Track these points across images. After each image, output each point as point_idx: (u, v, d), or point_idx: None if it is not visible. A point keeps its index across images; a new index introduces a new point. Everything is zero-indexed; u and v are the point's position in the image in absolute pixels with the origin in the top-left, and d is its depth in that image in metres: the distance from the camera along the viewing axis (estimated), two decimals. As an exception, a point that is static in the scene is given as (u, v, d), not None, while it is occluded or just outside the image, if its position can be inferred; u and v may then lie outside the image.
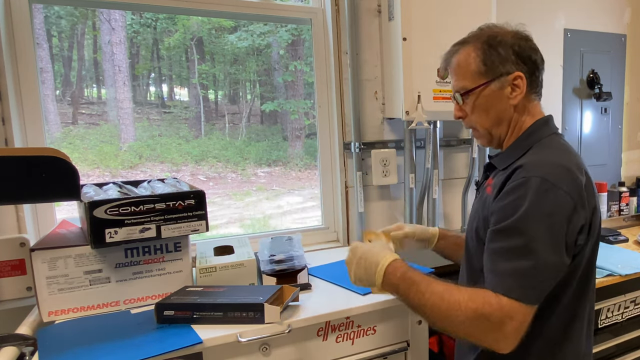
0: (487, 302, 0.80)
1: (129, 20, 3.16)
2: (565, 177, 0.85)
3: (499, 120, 0.99)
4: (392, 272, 0.92)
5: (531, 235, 0.81)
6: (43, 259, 1.09)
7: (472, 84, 0.97)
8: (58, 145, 2.52)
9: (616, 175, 2.35)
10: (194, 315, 1.05)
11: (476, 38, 0.98)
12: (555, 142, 0.96)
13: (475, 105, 0.99)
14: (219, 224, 2.53)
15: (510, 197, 0.85)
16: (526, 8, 2.02)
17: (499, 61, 0.95)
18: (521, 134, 0.98)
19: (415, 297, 0.87)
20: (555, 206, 0.82)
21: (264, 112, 3.67)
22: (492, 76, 0.95)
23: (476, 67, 0.96)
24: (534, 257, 0.80)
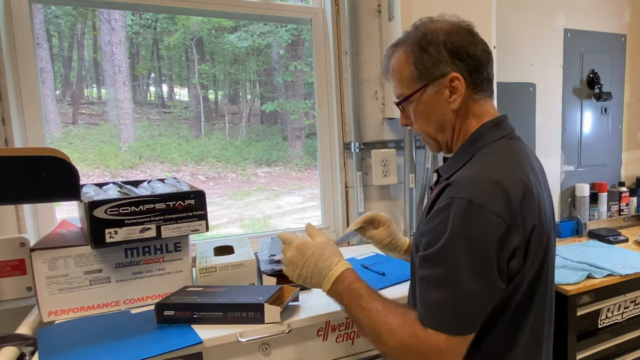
0: (414, 333, 0.77)
1: (129, 21, 3.16)
2: (495, 196, 0.76)
3: (442, 126, 0.91)
4: (341, 280, 0.88)
5: (453, 264, 0.75)
6: (43, 259, 1.09)
7: (407, 90, 0.90)
8: (58, 145, 2.51)
9: (616, 175, 2.35)
10: (194, 315, 1.05)
11: (407, 39, 0.91)
12: (501, 149, 0.87)
13: (416, 112, 0.91)
14: (219, 224, 2.53)
15: (435, 220, 0.78)
16: (526, 8, 2.02)
17: (431, 63, 0.87)
18: (465, 140, 0.90)
19: (356, 311, 0.85)
20: (481, 230, 0.75)
21: (264, 112, 3.67)
22: (427, 80, 0.88)
23: (409, 72, 0.89)
24: (457, 287, 0.75)
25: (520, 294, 0.83)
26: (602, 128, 2.27)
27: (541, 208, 0.82)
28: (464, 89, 0.87)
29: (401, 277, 1.31)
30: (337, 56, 1.70)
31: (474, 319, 0.77)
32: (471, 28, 0.91)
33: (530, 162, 0.87)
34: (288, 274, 0.95)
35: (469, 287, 0.75)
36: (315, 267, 0.91)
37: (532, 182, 0.82)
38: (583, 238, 2.10)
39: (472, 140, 0.89)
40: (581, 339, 1.59)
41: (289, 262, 0.94)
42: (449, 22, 0.90)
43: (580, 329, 1.57)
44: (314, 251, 0.92)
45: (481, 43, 0.90)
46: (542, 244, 0.83)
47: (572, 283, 1.55)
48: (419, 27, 0.91)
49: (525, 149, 0.92)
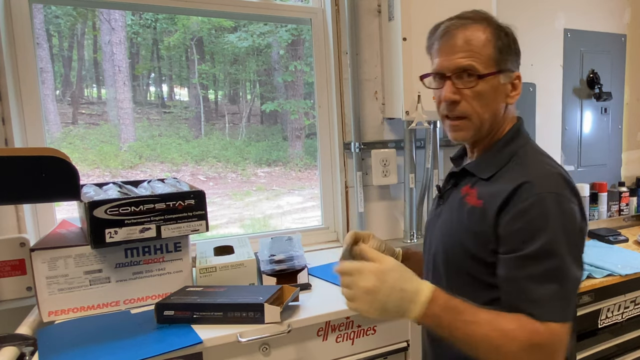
0: (535, 330, 0.78)
1: (129, 21, 3.16)
2: (569, 189, 0.84)
3: (493, 116, 0.91)
4: (434, 301, 0.78)
5: (560, 256, 0.79)
6: (43, 259, 1.09)
7: (482, 67, 0.87)
8: (58, 145, 2.51)
9: (616, 175, 2.35)
10: (194, 315, 1.05)
11: (488, 20, 0.91)
12: (538, 149, 0.93)
13: (479, 92, 0.88)
14: (219, 224, 2.53)
15: (526, 217, 0.80)
16: (526, 8, 2.02)
17: (509, 56, 0.90)
18: (499, 140, 0.92)
19: (462, 328, 0.78)
20: (572, 220, 0.81)
21: (264, 112, 3.67)
22: (502, 67, 0.89)
23: (490, 52, 0.88)
24: (567, 277, 0.80)
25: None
26: (602, 128, 2.27)
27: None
28: (520, 89, 0.92)
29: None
30: (337, 56, 1.70)
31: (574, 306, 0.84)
32: None
33: None
34: (363, 307, 0.79)
35: (574, 275, 0.81)
36: (401, 293, 0.78)
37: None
38: (583, 238, 2.10)
39: (506, 142, 0.92)
40: (581, 339, 1.59)
41: (366, 292, 0.78)
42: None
43: (580, 329, 1.57)
44: (395, 275, 0.80)
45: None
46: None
47: (572, 283, 1.55)
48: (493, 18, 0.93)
49: None
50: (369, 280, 0.78)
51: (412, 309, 0.78)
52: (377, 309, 0.78)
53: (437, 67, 0.92)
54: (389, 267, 0.80)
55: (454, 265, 0.91)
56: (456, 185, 0.97)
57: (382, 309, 0.78)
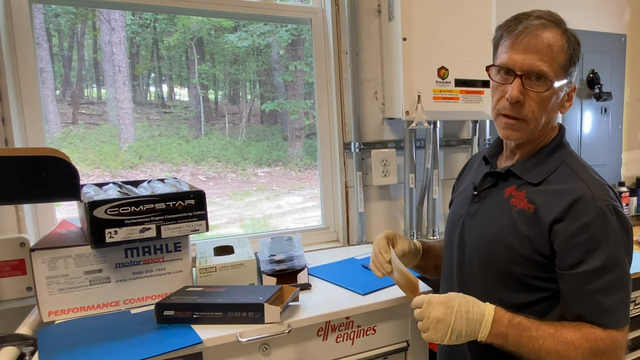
0: (599, 338, 0.83)
1: (129, 21, 3.16)
2: (617, 198, 0.89)
3: (547, 123, 0.94)
4: (499, 321, 0.85)
5: (622, 264, 0.85)
6: (43, 259, 1.09)
7: (554, 75, 0.87)
8: (58, 145, 2.52)
9: (616, 175, 2.35)
10: (194, 315, 1.05)
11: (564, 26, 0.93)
12: (580, 158, 0.98)
13: (544, 98, 0.89)
14: (219, 224, 2.53)
15: (590, 231, 0.84)
16: (526, 8, 2.01)
17: (574, 63, 0.91)
18: (546, 146, 0.95)
19: (529, 344, 0.84)
20: (628, 229, 0.87)
21: (264, 112, 3.67)
22: (567, 77, 0.91)
23: (563, 60, 0.89)
24: (629, 283, 0.86)
25: None
26: (602, 128, 2.27)
27: None
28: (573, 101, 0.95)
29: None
30: (337, 56, 1.70)
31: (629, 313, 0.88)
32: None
33: None
34: (436, 335, 0.85)
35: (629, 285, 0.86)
36: (467, 316, 0.84)
37: None
38: (583, 238, 2.10)
39: (554, 147, 0.95)
40: (581, 339, 1.58)
41: (437, 321, 0.85)
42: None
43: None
44: (460, 301, 0.86)
45: None
46: None
47: (572, 283, 1.55)
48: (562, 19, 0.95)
49: None
50: (438, 311, 0.85)
51: (480, 330, 0.84)
52: (451, 334, 0.84)
53: (508, 62, 0.89)
54: (455, 296, 0.88)
55: (495, 265, 0.93)
56: (496, 185, 0.97)
57: (455, 333, 0.84)
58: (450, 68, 1.62)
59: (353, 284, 1.29)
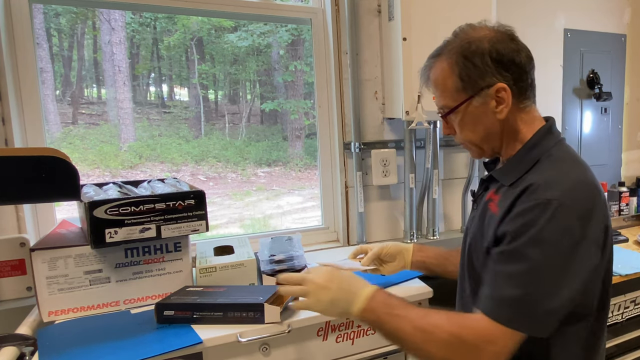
0: (466, 325, 0.78)
1: (129, 20, 3.16)
2: (580, 198, 0.78)
3: (489, 135, 0.91)
4: (374, 297, 0.86)
5: (538, 262, 0.75)
6: (43, 259, 1.09)
7: (452, 102, 0.89)
8: (58, 145, 2.52)
9: (616, 175, 2.35)
10: (194, 315, 1.05)
11: (449, 49, 0.89)
12: (565, 153, 0.88)
13: (462, 122, 0.91)
14: (219, 224, 2.53)
15: (521, 220, 0.78)
16: (526, 8, 2.02)
17: (477, 75, 0.85)
18: (524, 146, 0.89)
19: (391, 322, 0.83)
20: (568, 231, 0.76)
21: (263, 112, 3.67)
22: (472, 92, 0.87)
23: (453, 84, 0.88)
24: (536, 285, 0.75)
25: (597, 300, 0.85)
26: (602, 128, 2.27)
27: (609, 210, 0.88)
28: (510, 99, 0.86)
29: (402, 277, 1.31)
30: (337, 56, 1.70)
31: (545, 321, 0.76)
32: (513, 34, 0.89)
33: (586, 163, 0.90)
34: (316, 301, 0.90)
35: (551, 287, 0.75)
36: (349, 288, 0.89)
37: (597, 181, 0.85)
38: (583, 238, 2.10)
39: (531, 146, 0.88)
40: (581, 339, 1.58)
41: (318, 287, 0.90)
42: (491, 29, 0.88)
43: (580, 329, 1.57)
44: (343, 275, 0.92)
45: (524, 49, 0.89)
46: (610, 246, 0.85)
47: (572, 283, 1.55)
48: (460, 34, 0.89)
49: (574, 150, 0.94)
50: (320, 277, 0.91)
51: (354, 304, 0.86)
52: (326, 302, 0.89)
53: None
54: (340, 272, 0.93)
55: (474, 272, 0.93)
56: (486, 189, 0.97)
57: (330, 302, 0.88)
58: (450, 68, 1.62)
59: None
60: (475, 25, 0.90)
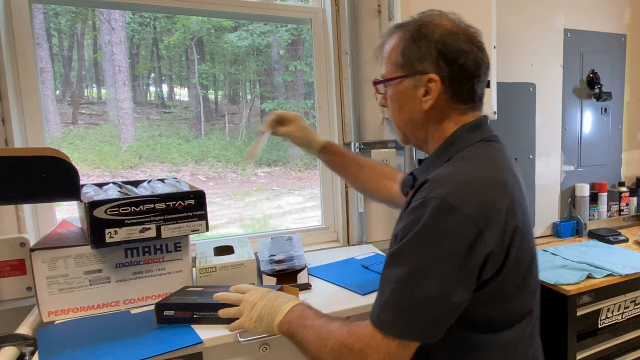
0: (351, 332, 0.76)
1: (128, 20, 3.17)
2: (471, 198, 0.72)
3: (413, 122, 0.88)
4: (293, 311, 0.88)
5: (417, 265, 0.71)
6: (43, 259, 1.09)
7: (389, 74, 0.89)
8: (58, 145, 2.52)
9: (616, 175, 2.35)
10: (194, 315, 1.05)
11: (406, 25, 0.89)
12: (480, 152, 0.83)
13: (391, 98, 0.90)
14: (219, 224, 2.53)
15: (407, 218, 0.74)
16: (526, 8, 2.02)
17: (417, 57, 0.84)
18: (443, 142, 0.86)
19: (301, 331, 0.83)
20: (452, 234, 0.70)
21: (263, 112, 3.67)
22: (407, 71, 0.85)
23: (395, 58, 0.87)
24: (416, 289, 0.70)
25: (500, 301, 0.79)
26: (602, 128, 2.27)
27: (522, 211, 0.78)
28: (437, 93, 0.83)
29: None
30: (337, 56, 1.70)
31: (427, 327, 0.72)
32: (474, 36, 0.87)
33: (509, 165, 0.84)
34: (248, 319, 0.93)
35: (431, 293, 0.70)
36: (273, 304, 0.91)
37: (511, 184, 0.79)
38: (583, 238, 2.10)
39: (449, 142, 0.85)
40: (581, 339, 1.58)
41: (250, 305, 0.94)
42: (452, 23, 0.86)
43: (580, 329, 1.57)
44: (274, 293, 0.95)
45: (476, 54, 0.84)
46: (525, 249, 0.79)
47: (572, 283, 1.55)
48: (422, 17, 0.89)
49: (502, 150, 0.87)
50: (253, 296, 0.95)
51: (276, 318, 0.89)
52: (255, 318, 0.92)
53: None
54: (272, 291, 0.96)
55: None
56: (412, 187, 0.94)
57: (258, 318, 0.91)
58: (450, 68, 1.62)
59: (353, 284, 1.29)
60: (444, 15, 0.90)
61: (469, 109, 0.87)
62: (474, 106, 0.87)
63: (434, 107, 0.85)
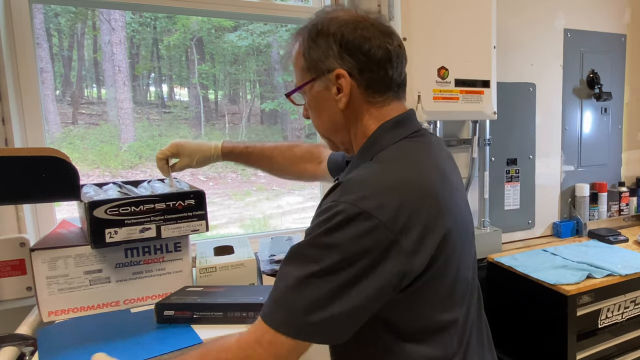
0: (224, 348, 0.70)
1: (128, 20, 3.17)
2: (386, 203, 0.66)
3: (334, 125, 0.83)
4: None
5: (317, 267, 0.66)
6: (43, 259, 1.09)
7: (299, 81, 0.84)
8: (58, 145, 2.52)
9: (616, 175, 2.35)
10: (194, 315, 1.05)
11: (304, 28, 0.83)
12: (400, 152, 0.77)
13: (309, 106, 0.85)
14: (219, 224, 2.53)
15: (315, 220, 0.70)
16: (526, 8, 2.02)
17: (319, 56, 0.78)
18: (364, 142, 0.80)
19: None
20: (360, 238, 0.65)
21: (263, 112, 3.68)
22: (315, 74, 0.80)
23: (301, 63, 0.82)
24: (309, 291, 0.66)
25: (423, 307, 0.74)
26: (602, 128, 2.27)
27: (447, 211, 0.71)
28: (349, 87, 0.78)
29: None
30: (337, 56, 1.70)
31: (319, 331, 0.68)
32: (377, 21, 0.81)
33: (436, 162, 0.78)
34: None
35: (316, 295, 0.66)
36: None
37: (436, 183, 0.72)
38: (583, 238, 2.10)
39: (369, 143, 0.80)
40: (581, 339, 1.59)
41: None
42: (350, 13, 0.80)
43: (580, 329, 1.57)
44: None
45: (381, 39, 0.78)
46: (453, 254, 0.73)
47: (572, 283, 1.55)
48: (318, 14, 0.83)
49: (433, 147, 0.81)
50: None
51: None
52: None
53: None
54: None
55: None
56: None
57: None
58: (450, 68, 1.62)
59: None
60: (340, 7, 0.86)
61: (387, 99, 0.81)
62: (393, 95, 0.81)
63: (350, 104, 0.79)
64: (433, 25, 1.60)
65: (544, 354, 1.64)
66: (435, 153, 0.80)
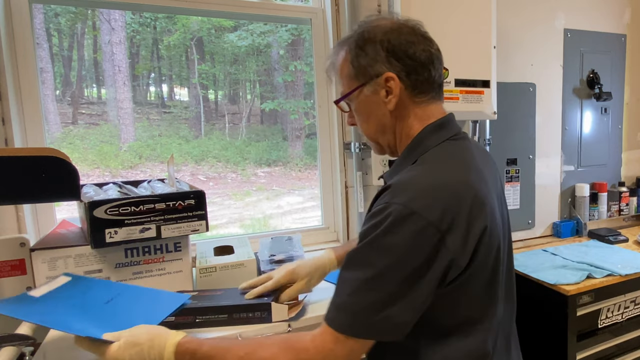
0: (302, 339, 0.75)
1: (129, 20, 3.17)
2: (432, 203, 0.71)
3: (382, 128, 0.88)
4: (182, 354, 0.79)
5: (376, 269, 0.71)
6: (43, 259, 1.09)
7: (347, 88, 0.88)
8: (58, 145, 2.52)
9: (616, 175, 2.35)
10: (196, 319, 1.05)
11: (349, 37, 0.88)
12: (443, 152, 0.82)
13: (357, 112, 0.89)
14: (219, 224, 2.53)
15: (368, 222, 0.74)
16: (526, 8, 2.02)
17: (367, 62, 0.84)
18: (409, 144, 0.85)
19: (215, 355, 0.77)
20: (414, 239, 0.69)
21: (263, 112, 3.68)
22: (363, 79, 0.85)
23: (348, 71, 0.87)
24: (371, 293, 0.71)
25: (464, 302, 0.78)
26: (602, 128, 2.27)
27: (489, 211, 0.76)
28: (399, 89, 0.83)
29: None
30: (337, 56, 1.70)
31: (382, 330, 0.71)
32: (417, 27, 0.87)
33: (475, 163, 0.82)
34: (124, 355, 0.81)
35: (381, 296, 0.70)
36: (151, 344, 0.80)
37: (476, 182, 0.77)
38: (583, 238, 2.10)
39: (414, 144, 0.85)
40: (581, 339, 1.59)
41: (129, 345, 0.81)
42: (392, 21, 0.87)
43: (580, 329, 1.57)
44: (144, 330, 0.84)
45: (423, 43, 0.85)
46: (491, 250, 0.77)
47: (572, 283, 1.55)
48: (361, 24, 0.89)
49: (472, 149, 0.86)
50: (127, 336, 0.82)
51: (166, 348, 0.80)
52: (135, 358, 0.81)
53: None
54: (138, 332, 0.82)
55: None
56: None
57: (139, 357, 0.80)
58: (450, 68, 1.62)
59: None
60: (380, 15, 0.91)
61: (431, 99, 0.86)
62: (436, 95, 0.87)
63: (398, 105, 0.84)
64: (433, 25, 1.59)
65: (544, 354, 1.64)
66: (473, 153, 0.85)
